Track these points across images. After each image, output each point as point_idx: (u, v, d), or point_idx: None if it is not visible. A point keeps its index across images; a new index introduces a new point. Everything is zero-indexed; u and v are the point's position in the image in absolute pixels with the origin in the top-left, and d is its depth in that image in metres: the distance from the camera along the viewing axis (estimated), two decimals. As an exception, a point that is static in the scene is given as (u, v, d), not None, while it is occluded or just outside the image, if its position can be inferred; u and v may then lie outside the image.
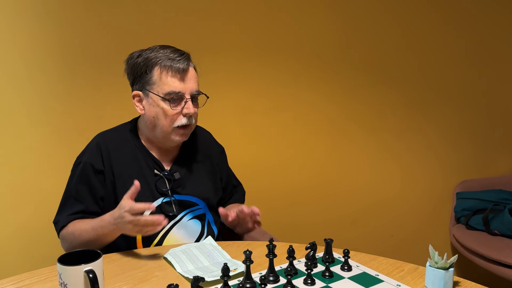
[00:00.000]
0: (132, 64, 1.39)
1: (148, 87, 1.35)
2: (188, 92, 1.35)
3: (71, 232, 1.31)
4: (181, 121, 1.35)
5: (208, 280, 1.05)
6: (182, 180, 1.44)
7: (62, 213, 1.37)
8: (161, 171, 1.41)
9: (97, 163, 1.37)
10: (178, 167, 1.45)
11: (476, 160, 2.61)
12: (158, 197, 1.39)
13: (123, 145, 1.42)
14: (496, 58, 2.53)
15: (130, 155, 1.40)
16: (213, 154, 1.57)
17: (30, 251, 2.00)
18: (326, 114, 2.37)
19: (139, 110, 1.40)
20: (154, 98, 1.34)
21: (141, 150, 1.42)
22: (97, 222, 1.26)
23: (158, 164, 1.42)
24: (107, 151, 1.39)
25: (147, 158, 1.41)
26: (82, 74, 1.99)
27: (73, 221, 1.34)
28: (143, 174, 1.39)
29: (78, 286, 0.92)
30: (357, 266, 1.17)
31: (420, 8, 2.38)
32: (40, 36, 1.92)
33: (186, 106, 1.35)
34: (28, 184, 1.98)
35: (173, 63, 1.33)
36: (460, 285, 1.07)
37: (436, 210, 2.59)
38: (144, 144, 1.44)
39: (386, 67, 2.41)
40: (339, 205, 2.47)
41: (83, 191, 1.36)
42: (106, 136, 1.44)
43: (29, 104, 1.94)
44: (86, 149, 1.42)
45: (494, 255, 2.07)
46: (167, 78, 1.33)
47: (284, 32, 2.24)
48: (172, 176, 1.42)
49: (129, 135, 1.45)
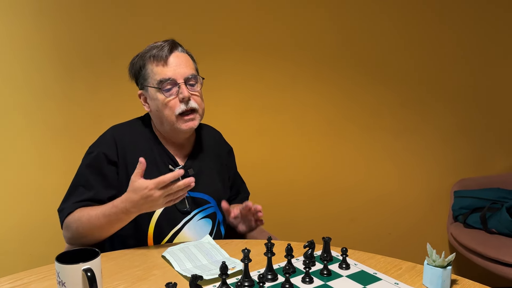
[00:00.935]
0: (132, 66, 1.41)
1: (145, 82, 1.36)
2: (179, 77, 1.33)
3: (77, 218, 1.26)
4: (180, 107, 1.33)
5: (206, 279, 1.05)
6: (196, 176, 1.40)
7: (68, 201, 1.32)
8: (176, 166, 1.41)
9: (111, 154, 1.34)
10: (192, 163, 1.44)
11: (473, 158, 2.62)
12: None
13: (138, 139, 1.40)
14: (492, 58, 2.54)
15: (145, 149, 1.39)
16: (222, 153, 1.58)
17: (28, 250, 2.00)
18: (323, 114, 2.38)
19: (146, 108, 1.41)
20: (151, 91, 1.35)
21: (156, 144, 1.41)
22: (109, 208, 1.22)
23: (173, 159, 1.41)
24: (122, 144, 1.37)
25: (162, 153, 1.40)
26: (78, 75, 1.99)
27: (79, 208, 1.29)
28: (158, 169, 1.38)
29: (76, 284, 0.91)
30: (355, 264, 1.17)
31: (416, 9, 2.39)
32: (36, 37, 1.92)
33: (180, 91, 1.33)
34: (26, 183, 1.98)
35: (157, 52, 1.34)
36: (458, 283, 1.07)
37: (434, 209, 2.60)
38: (159, 139, 1.43)
39: (383, 67, 2.41)
40: (337, 204, 2.47)
41: (94, 179, 1.33)
42: (121, 129, 1.42)
43: (25, 104, 1.94)
44: (100, 140, 1.39)
45: (492, 254, 2.07)
46: (156, 67, 1.34)
47: (281, 34, 2.25)
48: (186, 172, 1.40)
49: (144, 129, 1.44)
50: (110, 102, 2.03)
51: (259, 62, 2.24)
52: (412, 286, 1.05)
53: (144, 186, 1.16)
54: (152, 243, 1.36)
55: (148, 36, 1.99)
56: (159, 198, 1.17)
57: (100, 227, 1.24)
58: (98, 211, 1.24)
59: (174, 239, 1.37)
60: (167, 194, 1.17)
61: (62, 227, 1.33)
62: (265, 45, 2.24)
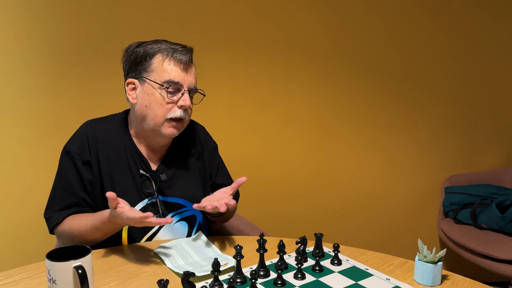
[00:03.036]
0: (131, 52, 1.34)
1: (146, 74, 1.30)
2: (186, 84, 1.31)
3: (69, 231, 1.26)
4: (175, 113, 1.30)
5: (198, 275, 1.05)
6: (169, 181, 1.39)
7: (54, 208, 1.31)
8: (148, 171, 1.36)
9: (84, 154, 1.32)
10: (166, 167, 1.39)
11: (464, 155, 2.64)
12: (144, 198, 1.34)
13: (111, 138, 1.36)
14: (483, 55, 2.56)
15: (118, 150, 1.35)
16: (205, 150, 1.52)
17: (19, 247, 1.98)
18: (315, 110, 2.39)
19: (131, 99, 1.34)
20: (151, 85, 1.29)
21: (129, 145, 1.36)
22: (98, 220, 1.21)
23: (145, 163, 1.37)
24: (94, 142, 1.33)
25: (134, 155, 1.36)
26: (67, 71, 1.98)
27: (68, 218, 1.28)
28: (130, 172, 1.34)
29: (67, 282, 0.91)
30: (347, 260, 1.17)
31: (407, 7, 2.40)
32: (25, 32, 1.90)
33: (183, 98, 1.30)
34: (16, 180, 1.96)
35: (176, 53, 1.30)
36: (449, 279, 1.08)
37: (425, 205, 2.62)
38: (133, 139, 1.38)
39: (374, 64, 2.42)
40: (329, 200, 2.48)
41: (73, 181, 1.31)
42: (95, 125, 1.38)
43: (15, 102, 1.92)
44: (73, 138, 1.36)
45: (482, 249, 2.09)
46: (169, 66, 1.29)
47: (273, 31, 2.25)
48: (158, 177, 1.36)
49: (119, 127, 1.39)
50: (100, 98, 2.01)
51: (251, 59, 2.24)
52: (403, 281, 1.06)
53: (122, 216, 1.13)
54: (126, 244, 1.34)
55: (138, 32, 1.99)
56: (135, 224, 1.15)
57: (93, 239, 1.26)
58: (88, 225, 1.23)
59: None
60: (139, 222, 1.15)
61: (51, 232, 1.34)
62: (257, 42, 2.23)
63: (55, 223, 1.29)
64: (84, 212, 1.32)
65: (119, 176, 1.33)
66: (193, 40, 2.12)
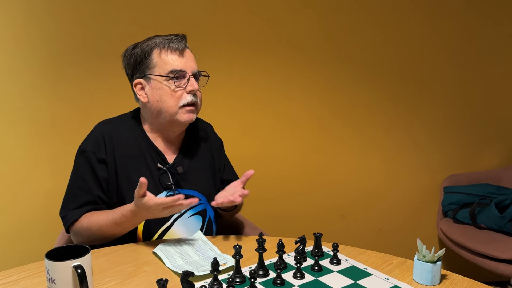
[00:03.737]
0: (130, 55, 1.38)
1: (149, 71, 1.35)
2: (189, 70, 1.36)
3: (87, 227, 1.28)
4: (186, 99, 1.34)
5: (197, 275, 1.05)
6: (185, 173, 1.42)
7: (69, 206, 1.33)
8: (165, 165, 1.40)
9: (99, 152, 1.34)
10: (182, 160, 1.43)
11: (463, 154, 2.64)
12: (162, 191, 1.38)
13: (126, 136, 1.39)
14: (481, 55, 2.56)
15: (134, 147, 1.38)
16: (213, 147, 1.56)
17: (18, 247, 1.98)
18: (313, 110, 2.39)
19: (142, 99, 1.37)
20: (157, 80, 1.34)
21: (144, 141, 1.40)
22: (119, 214, 1.25)
23: (162, 156, 1.40)
24: (110, 141, 1.36)
25: (150, 150, 1.39)
26: (66, 70, 1.97)
27: (85, 215, 1.31)
28: (147, 167, 1.37)
29: (66, 281, 0.91)
30: (346, 259, 1.17)
31: (404, 7, 2.40)
32: (23, 31, 1.90)
33: (190, 84, 1.35)
34: (14, 179, 1.96)
35: (171, 43, 1.35)
36: (447, 278, 1.08)
37: (424, 204, 2.62)
38: (148, 135, 1.41)
39: (372, 64, 2.42)
40: (328, 200, 2.48)
41: (88, 179, 1.33)
42: (109, 125, 1.41)
43: (13, 101, 1.91)
44: (89, 138, 1.38)
45: (480, 249, 2.09)
46: (167, 57, 1.34)
47: (270, 31, 2.25)
48: (175, 170, 1.40)
49: (133, 125, 1.42)
50: (98, 97, 2.01)
51: (249, 60, 2.24)
52: (403, 281, 1.06)
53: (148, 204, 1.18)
54: (141, 240, 1.36)
55: (136, 33, 1.98)
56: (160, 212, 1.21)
57: (112, 234, 1.29)
58: (108, 219, 1.26)
59: (163, 236, 1.37)
60: (167, 207, 1.20)
61: (67, 231, 1.35)
62: (254, 43, 2.23)
63: (72, 221, 1.31)
64: (100, 209, 1.34)
65: (137, 172, 1.35)
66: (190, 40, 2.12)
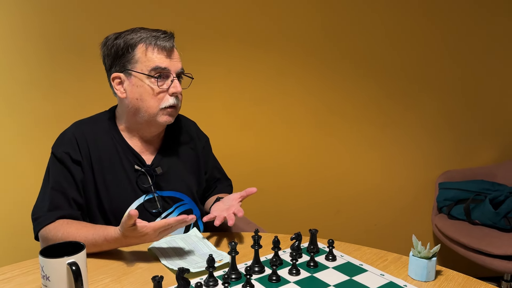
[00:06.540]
0: (111, 46, 1.30)
1: (130, 66, 1.27)
2: (174, 70, 1.29)
3: (61, 238, 1.17)
4: (168, 101, 1.28)
5: (193, 272, 1.05)
6: (166, 174, 1.36)
7: (42, 207, 1.25)
8: (142, 166, 1.33)
9: (74, 153, 1.27)
10: (161, 160, 1.37)
11: (458, 151, 2.65)
12: (140, 194, 1.32)
13: (101, 137, 1.32)
14: (477, 51, 2.56)
15: (109, 149, 1.31)
16: (197, 145, 1.50)
17: (12, 244, 1.97)
18: (309, 106, 2.39)
19: (120, 94, 1.30)
20: (138, 77, 1.26)
21: (120, 142, 1.33)
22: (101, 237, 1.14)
23: (138, 157, 1.34)
24: (84, 143, 1.29)
25: (126, 151, 1.33)
26: (64, 62, 1.96)
27: (59, 222, 1.21)
28: (123, 169, 1.31)
29: (61, 279, 0.90)
30: (342, 256, 1.17)
31: (402, 3, 2.40)
32: (20, 23, 1.88)
33: (173, 85, 1.28)
34: (9, 175, 1.95)
35: (159, 41, 1.27)
36: (442, 274, 1.08)
37: (419, 200, 2.63)
38: (124, 136, 1.35)
39: (369, 59, 2.42)
40: (324, 196, 2.49)
41: (62, 181, 1.26)
42: (83, 126, 1.34)
43: (9, 93, 1.90)
44: (61, 140, 1.31)
45: (475, 244, 2.11)
46: (153, 54, 1.26)
47: (268, 26, 2.24)
48: (154, 171, 1.34)
49: (108, 125, 1.35)
50: (96, 90, 1.99)
51: (246, 55, 2.23)
52: (398, 277, 1.06)
53: (142, 232, 1.10)
54: None
55: (134, 23, 1.96)
56: (155, 237, 1.14)
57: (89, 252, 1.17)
58: (88, 239, 1.15)
59: None
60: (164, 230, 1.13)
61: (36, 236, 1.26)
62: (252, 38, 2.22)
63: (45, 224, 1.22)
64: (74, 217, 1.26)
65: (113, 175, 1.30)
66: (188, 36, 2.13)
